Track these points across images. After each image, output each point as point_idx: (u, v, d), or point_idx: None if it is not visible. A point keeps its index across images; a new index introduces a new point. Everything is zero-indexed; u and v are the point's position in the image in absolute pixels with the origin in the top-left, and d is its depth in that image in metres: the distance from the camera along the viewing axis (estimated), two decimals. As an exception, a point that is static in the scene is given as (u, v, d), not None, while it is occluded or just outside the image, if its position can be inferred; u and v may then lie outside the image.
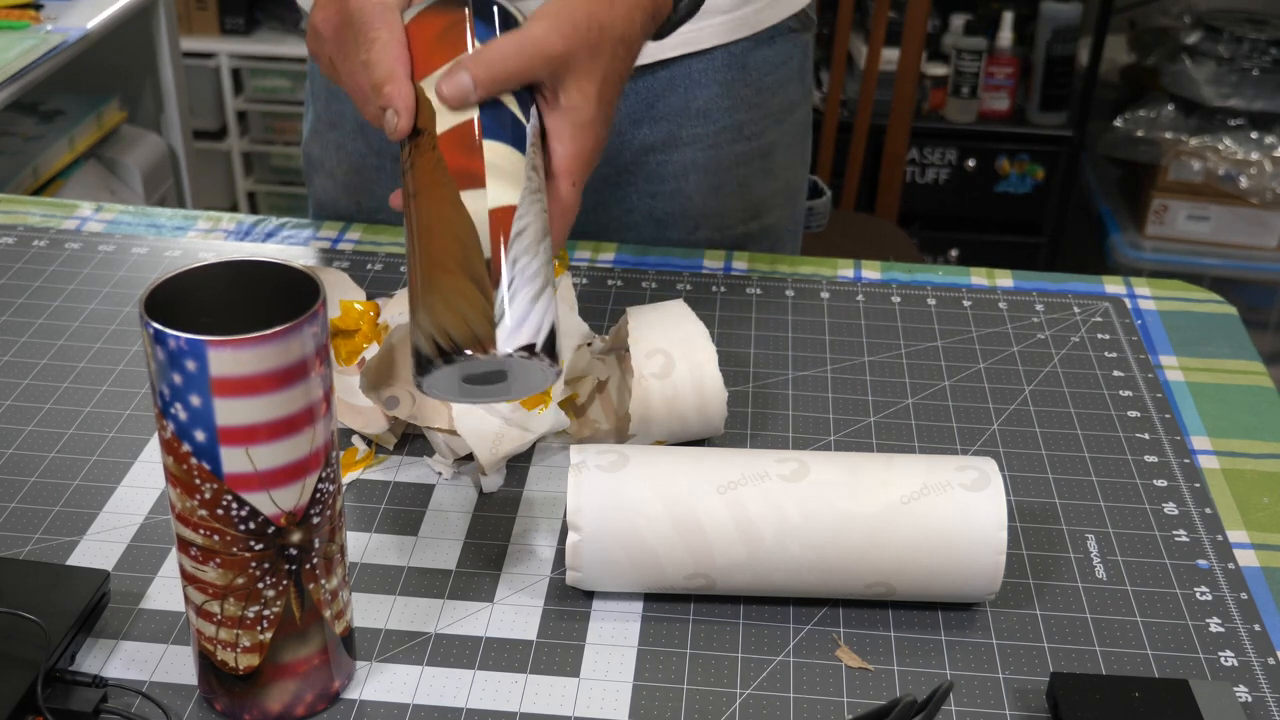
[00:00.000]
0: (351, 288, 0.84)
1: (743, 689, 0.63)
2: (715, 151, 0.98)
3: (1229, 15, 2.43)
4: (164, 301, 0.55)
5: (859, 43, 2.45)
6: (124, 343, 0.87)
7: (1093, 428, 0.81)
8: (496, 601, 0.68)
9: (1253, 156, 2.32)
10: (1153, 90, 2.44)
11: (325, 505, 0.57)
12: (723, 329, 0.89)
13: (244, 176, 2.81)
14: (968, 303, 0.93)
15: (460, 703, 0.62)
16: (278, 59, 2.69)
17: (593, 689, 0.63)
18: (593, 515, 0.65)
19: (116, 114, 2.09)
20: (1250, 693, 0.63)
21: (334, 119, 1.03)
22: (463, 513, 0.73)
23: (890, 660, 0.65)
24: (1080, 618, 0.67)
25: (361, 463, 0.76)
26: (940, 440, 0.80)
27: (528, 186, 0.63)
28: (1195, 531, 0.73)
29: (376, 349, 0.79)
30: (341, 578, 0.60)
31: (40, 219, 1.01)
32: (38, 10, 1.89)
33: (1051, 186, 2.52)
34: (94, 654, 0.64)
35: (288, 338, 0.53)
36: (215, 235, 1.00)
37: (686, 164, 0.98)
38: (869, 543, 0.64)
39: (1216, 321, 0.93)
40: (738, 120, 0.98)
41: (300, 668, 0.59)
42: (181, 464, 0.54)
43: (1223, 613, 0.68)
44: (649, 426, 0.75)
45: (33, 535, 0.71)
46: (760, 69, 0.98)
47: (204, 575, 0.56)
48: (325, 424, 0.56)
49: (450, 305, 0.59)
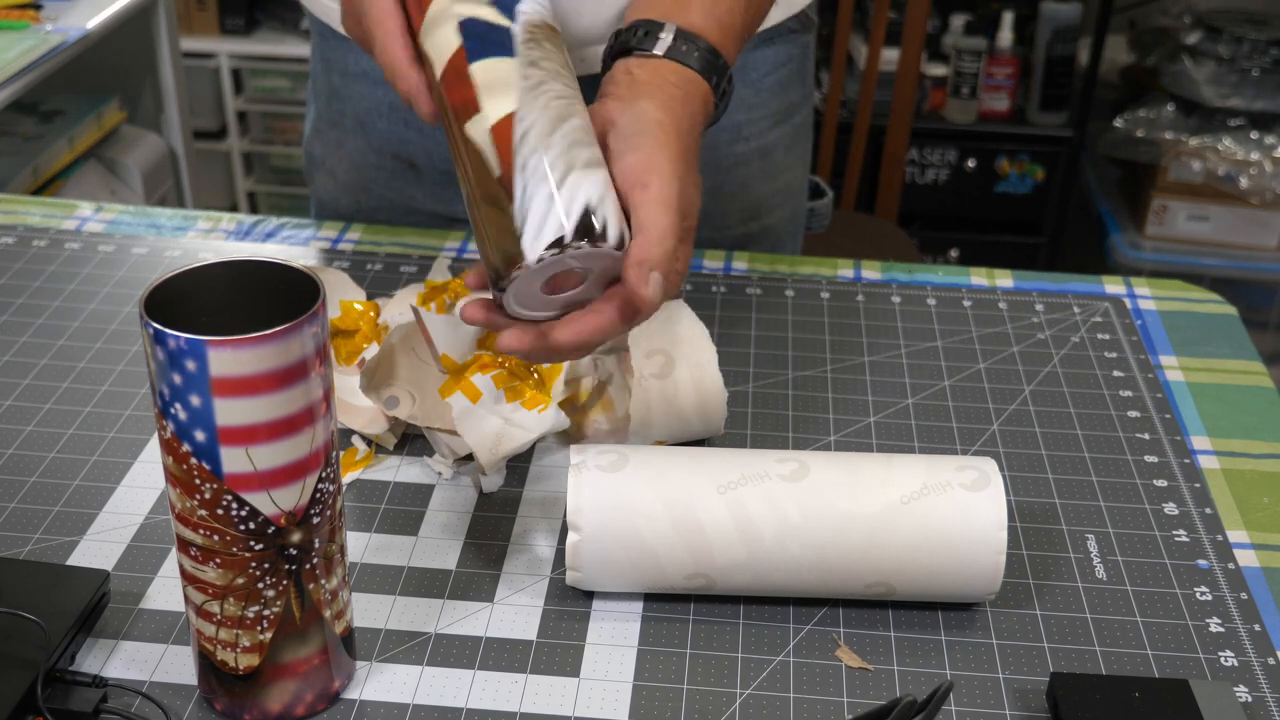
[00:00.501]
0: (351, 288, 0.84)
1: (743, 689, 0.63)
2: (715, 152, 0.98)
3: (1229, 15, 2.43)
4: (164, 301, 0.55)
5: (859, 43, 2.45)
6: (124, 343, 0.87)
7: (1093, 428, 0.81)
8: (496, 601, 0.68)
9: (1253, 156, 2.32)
10: (1153, 90, 2.44)
11: (325, 505, 0.57)
12: (723, 329, 0.89)
13: (244, 176, 2.81)
14: (968, 303, 0.93)
15: (460, 703, 0.62)
16: (278, 59, 2.69)
17: (593, 689, 0.63)
18: (593, 515, 0.64)
19: (116, 114, 2.09)
20: (1250, 693, 0.63)
21: (335, 118, 1.03)
22: (463, 513, 0.73)
23: (890, 660, 0.65)
24: (1080, 618, 0.67)
25: (361, 463, 0.76)
26: (940, 440, 0.80)
27: (524, 85, 0.63)
28: (1195, 531, 0.73)
29: (376, 349, 0.79)
30: (341, 578, 0.60)
31: (40, 219, 1.01)
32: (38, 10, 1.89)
33: (1051, 187, 2.52)
34: (94, 654, 0.64)
35: (288, 338, 0.53)
36: (215, 235, 1.00)
37: None
38: (869, 543, 0.64)
39: (1216, 321, 0.93)
40: (737, 121, 0.98)
41: (300, 668, 0.59)
42: (181, 464, 0.54)
43: (1223, 613, 0.68)
44: (649, 426, 0.75)
45: (33, 535, 0.71)
46: (760, 70, 0.98)
47: (204, 575, 0.56)
48: (325, 424, 0.56)
49: (485, 238, 0.61)
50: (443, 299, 0.83)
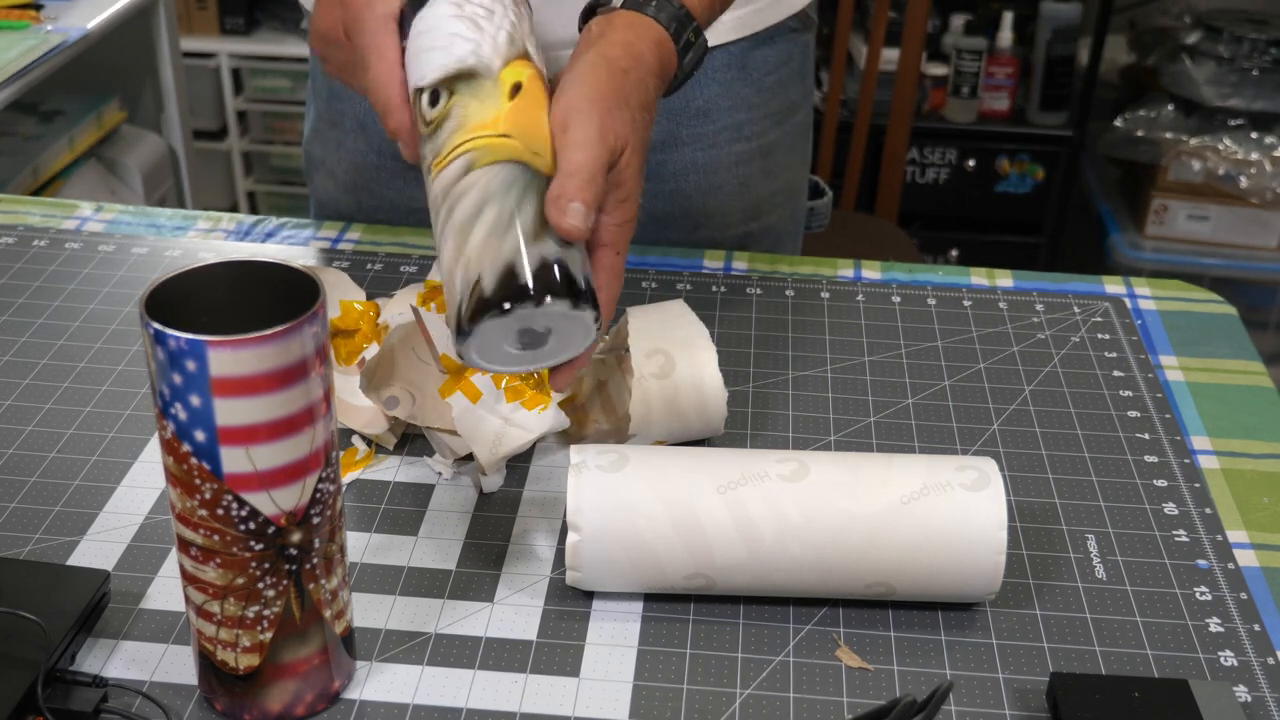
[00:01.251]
0: (351, 288, 0.84)
1: (743, 689, 0.63)
2: (715, 151, 0.98)
3: (1229, 15, 2.43)
4: (164, 301, 0.55)
5: (859, 43, 2.45)
6: (124, 343, 0.87)
7: (1093, 428, 0.81)
8: (496, 601, 0.68)
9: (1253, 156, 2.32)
10: (1153, 90, 2.44)
11: (325, 505, 0.57)
12: (723, 329, 0.89)
13: (244, 176, 2.81)
14: (968, 303, 0.93)
15: (460, 703, 0.62)
16: (278, 59, 2.69)
17: (593, 689, 0.63)
18: (593, 515, 0.64)
19: (116, 114, 2.09)
20: (1250, 693, 0.63)
21: (335, 118, 1.03)
22: (463, 513, 0.73)
23: (890, 660, 0.65)
24: (1080, 618, 0.67)
25: (361, 463, 0.76)
26: (940, 440, 0.80)
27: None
28: (1195, 531, 0.73)
29: (376, 349, 0.79)
30: (341, 578, 0.60)
31: (40, 219, 1.01)
32: (38, 10, 1.89)
33: (1051, 186, 2.52)
34: (94, 654, 0.64)
35: (288, 338, 0.53)
36: (215, 235, 1.00)
37: (686, 163, 0.98)
38: (869, 543, 0.64)
39: (1216, 321, 0.93)
40: (737, 120, 0.98)
41: (300, 668, 0.59)
42: (181, 464, 0.54)
43: (1222, 613, 0.68)
44: (649, 426, 0.75)
45: (33, 535, 0.71)
46: (760, 69, 0.98)
47: (204, 575, 0.56)
48: (325, 424, 0.56)
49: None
50: (443, 299, 0.83)
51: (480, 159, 0.62)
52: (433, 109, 0.64)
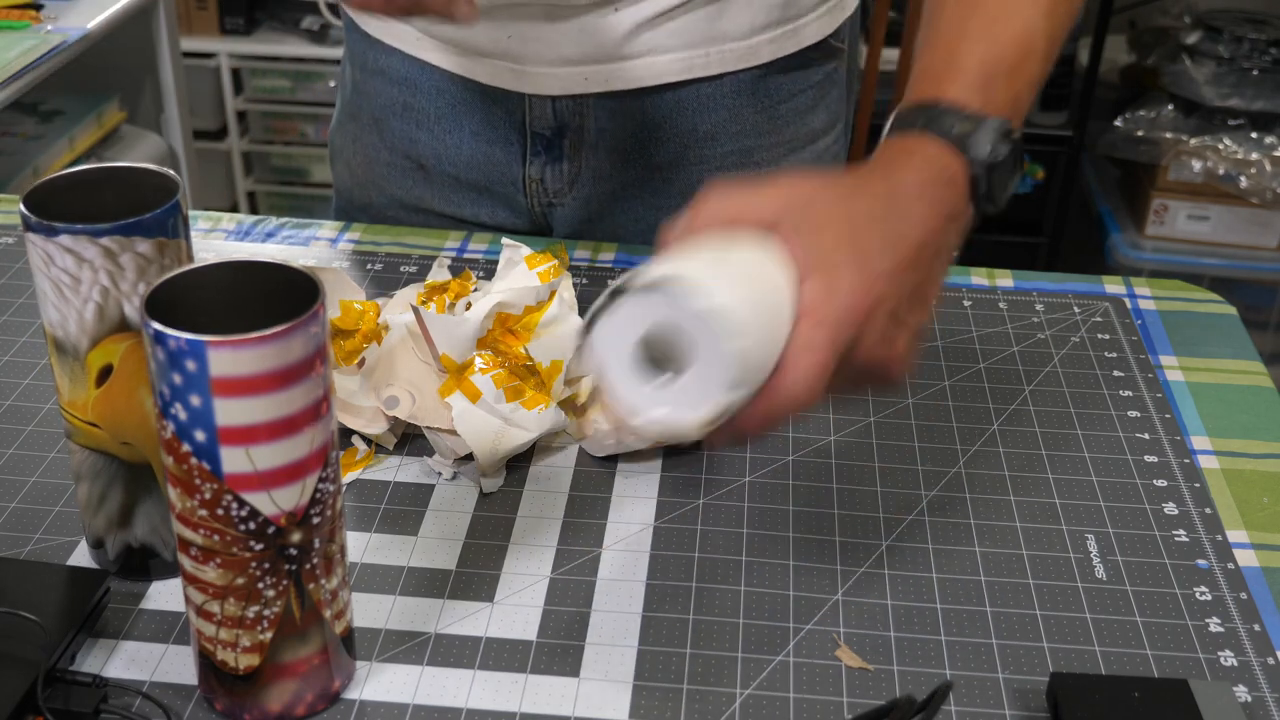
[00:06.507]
0: (351, 288, 0.84)
1: (743, 689, 0.63)
2: (723, 174, 0.97)
3: (1229, 15, 2.43)
4: (164, 301, 0.55)
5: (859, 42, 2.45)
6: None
7: (1093, 428, 0.81)
8: (496, 601, 0.68)
9: (1253, 156, 2.32)
10: (1153, 90, 2.44)
11: (325, 505, 0.57)
12: (723, 329, 0.89)
13: (244, 176, 2.81)
14: (968, 303, 0.93)
15: (460, 703, 0.62)
16: (278, 59, 2.69)
17: (593, 689, 0.63)
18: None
19: (116, 114, 2.09)
20: (1250, 693, 0.63)
21: (354, 111, 1.04)
22: (463, 513, 0.73)
23: (890, 660, 0.65)
24: (1080, 618, 0.67)
25: (361, 463, 0.76)
26: (940, 440, 0.80)
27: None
28: (1195, 531, 0.73)
29: (376, 349, 0.79)
30: (341, 578, 0.60)
31: (40, 219, 1.01)
32: (38, 10, 1.89)
33: (1051, 186, 2.52)
34: (94, 654, 0.64)
35: (288, 338, 0.53)
36: (215, 235, 1.00)
37: (693, 183, 0.97)
38: None
39: (1216, 321, 0.93)
40: (746, 145, 0.97)
41: (300, 668, 0.59)
42: (181, 464, 0.54)
43: (1222, 613, 0.68)
44: (649, 426, 0.75)
45: (33, 535, 0.71)
46: (774, 96, 0.97)
47: (204, 575, 0.56)
48: (325, 424, 0.56)
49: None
50: (443, 299, 0.83)
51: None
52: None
